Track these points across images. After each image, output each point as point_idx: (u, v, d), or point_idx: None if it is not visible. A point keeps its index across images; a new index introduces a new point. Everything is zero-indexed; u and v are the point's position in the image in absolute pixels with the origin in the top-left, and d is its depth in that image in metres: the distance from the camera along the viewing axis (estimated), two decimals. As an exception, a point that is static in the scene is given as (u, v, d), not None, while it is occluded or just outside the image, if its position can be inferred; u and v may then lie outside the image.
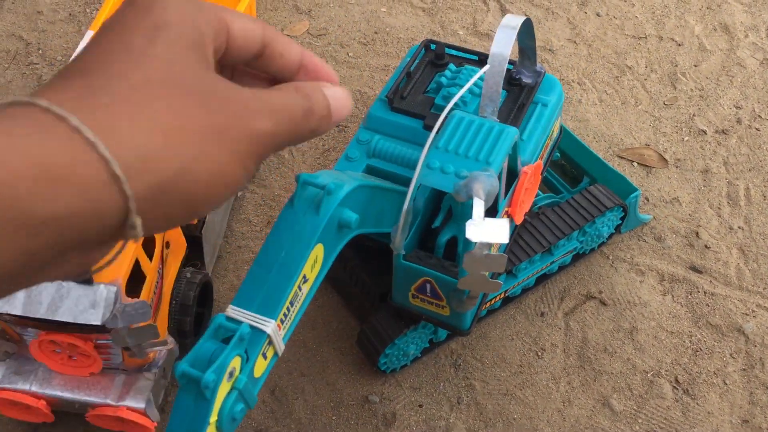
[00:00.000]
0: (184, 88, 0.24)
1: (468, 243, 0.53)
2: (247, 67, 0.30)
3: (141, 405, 0.64)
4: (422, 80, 0.73)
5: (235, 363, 0.43)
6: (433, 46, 0.75)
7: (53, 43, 1.02)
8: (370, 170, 0.69)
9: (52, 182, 0.19)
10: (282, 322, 0.47)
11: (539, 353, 0.76)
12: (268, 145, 0.26)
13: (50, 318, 0.59)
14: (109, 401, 0.65)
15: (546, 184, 0.87)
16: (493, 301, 0.75)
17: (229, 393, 0.43)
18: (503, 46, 0.60)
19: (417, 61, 0.74)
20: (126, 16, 0.25)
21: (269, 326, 0.45)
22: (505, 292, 0.76)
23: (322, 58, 0.31)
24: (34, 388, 0.65)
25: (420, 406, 0.73)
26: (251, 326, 0.44)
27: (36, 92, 0.22)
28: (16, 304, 0.59)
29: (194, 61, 0.25)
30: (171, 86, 0.23)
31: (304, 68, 0.30)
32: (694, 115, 0.97)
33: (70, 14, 1.07)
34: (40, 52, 1.01)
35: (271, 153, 0.27)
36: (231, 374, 0.43)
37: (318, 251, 0.49)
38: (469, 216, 0.51)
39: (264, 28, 0.29)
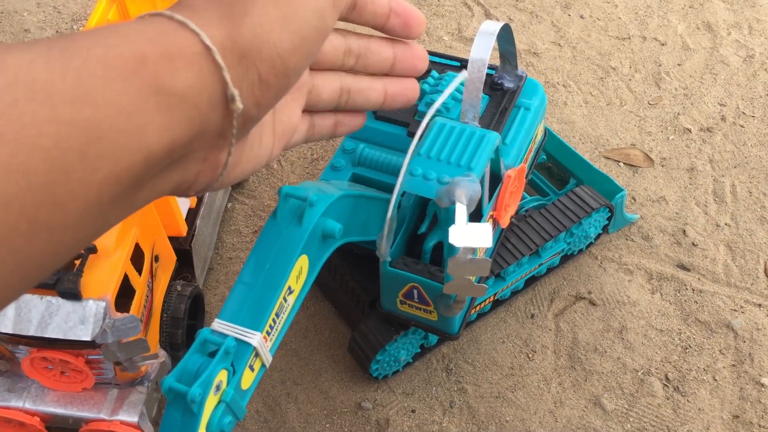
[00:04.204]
0: None
1: (452, 248, 0.53)
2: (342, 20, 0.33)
3: (134, 419, 0.65)
4: (406, 88, 0.74)
5: (222, 376, 0.43)
6: (415, 54, 0.76)
7: (40, 60, 1.03)
8: (356, 179, 0.70)
9: (172, 60, 0.24)
10: (268, 333, 0.47)
11: (530, 355, 0.77)
12: None
13: (40, 335, 0.59)
14: (102, 416, 0.65)
15: (533, 187, 0.87)
16: (482, 305, 0.76)
17: (216, 406, 0.43)
18: (482, 51, 0.60)
19: (400, 69, 0.75)
20: None
21: (255, 339, 0.45)
22: (495, 295, 0.76)
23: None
24: (27, 405, 0.66)
25: (413, 411, 0.73)
26: (237, 339, 0.44)
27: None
28: (6, 322, 0.59)
29: None
30: None
31: (394, 11, 0.33)
32: (678, 113, 0.97)
33: (57, 31, 1.07)
34: (28, 69, 1.02)
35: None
36: (218, 387, 0.43)
37: (302, 262, 0.50)
38: (453, 221, 0.52)
39: None
